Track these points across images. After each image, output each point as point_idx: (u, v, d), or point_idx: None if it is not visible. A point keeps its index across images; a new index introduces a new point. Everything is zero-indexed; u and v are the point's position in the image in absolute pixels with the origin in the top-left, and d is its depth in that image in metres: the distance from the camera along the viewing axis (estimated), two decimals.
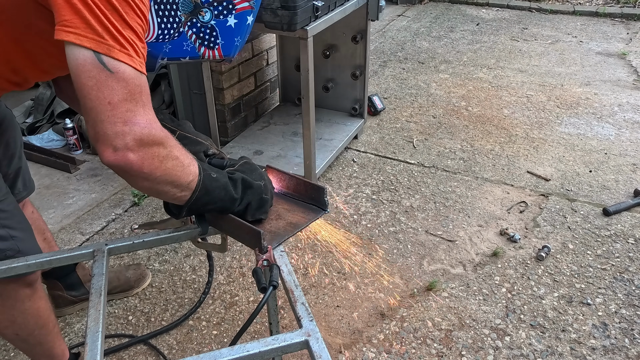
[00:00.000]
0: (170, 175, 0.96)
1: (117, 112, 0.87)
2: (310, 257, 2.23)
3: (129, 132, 0.88)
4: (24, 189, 1.59)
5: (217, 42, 1.19)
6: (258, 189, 1.13)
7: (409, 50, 4.55)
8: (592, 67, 4.13)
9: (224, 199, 1.07)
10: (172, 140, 0.97)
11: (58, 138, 3.08)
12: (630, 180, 2.72)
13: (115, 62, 0.87)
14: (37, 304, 1.44)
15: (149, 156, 0.91)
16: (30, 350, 1.54)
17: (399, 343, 1.84)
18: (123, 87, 0.88)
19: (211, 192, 1.04)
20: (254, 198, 1.12)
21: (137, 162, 0.90)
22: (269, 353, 0.86)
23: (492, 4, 5.76)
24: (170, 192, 1.00)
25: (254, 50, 3.05)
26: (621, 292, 2.04)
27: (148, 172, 0.93)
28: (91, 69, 0.86)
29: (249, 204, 1.12)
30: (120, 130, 0.88)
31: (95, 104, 0.88)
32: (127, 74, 0.88)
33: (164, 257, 2.25)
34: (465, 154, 2.99)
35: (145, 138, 0.90)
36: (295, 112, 3.19)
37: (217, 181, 1.06)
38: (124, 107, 0.88)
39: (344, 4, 2.49)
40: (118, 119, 0.88)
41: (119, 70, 0.87)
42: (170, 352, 1.82)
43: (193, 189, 1.01)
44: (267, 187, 1.17)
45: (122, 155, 0.89)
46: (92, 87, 0.87)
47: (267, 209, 1.16)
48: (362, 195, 2.63)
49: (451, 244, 2.30)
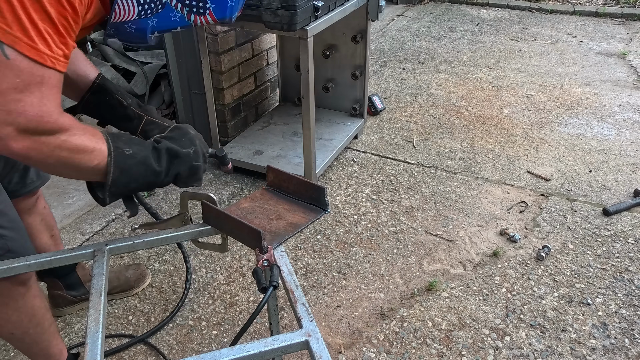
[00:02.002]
0: (67, 163, 0.96)
1: (4, 101, 0.87)
2: (310, 257, 2.24)
3: (11, 121, 0.88)
4: (37, 178, 1.59)
5: (207, 6, 1.13)
6: (186, 157, 1.08)
7: (409, 50, 4.55)
8: (592, 67, 4.14)
9: (146, 174, 1.05)
10: (70, 130, 0.95)
11: None
12: (630, 180, 2.72)
13: (14, 52, 0.86)
14: (31, 302, 1.43)
15: (35, 146, 0.91)
16: (27, 350, 1.54)
17: (399, 343, 1.84)
18: (15, 76, 0.86)
19: (127, 170, 1.02)
20: (182, 167, 1.08)
21: (21, 151, 0.90)
22: (269, 353, 0.86)
23: (492, 4, 5.76)
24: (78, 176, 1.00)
25: (254, 50, 3.05)
26: (621, 292, 2.04)
27: (37, 160, 0.94)
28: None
29: (178, 174, 1.08)
30: (3, 119, 0.87)
31: None
32: (24, 65, 0.87)
33: (164, 257, 2.25)
34: (465, 154, 2.99)
35: (32, 128, 0.89)
36: (295, 112, 3.19)
37: (132, 157, 1.03)
38: (10, 96, 0.87)
39: (344, 4, 2.49)
40: (3, 107, 0.87)
41: (16, 59, 0.86)
42: (170, 352, 1.82)
43: (103, 171, 1.00)
44: (199, 152, 1.11)
45: (5, 144, 0.89)
46: None
47: (200, 176, 1.13)
48: (362, 195, 2.63)
49: (451, 244, 2.30)
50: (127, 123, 1.33)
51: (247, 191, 2.68)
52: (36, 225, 1.68)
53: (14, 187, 1.52)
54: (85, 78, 1.33)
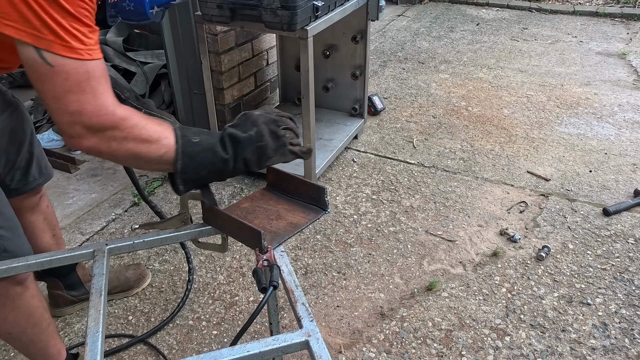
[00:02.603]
0: (135, 154, 0.98)
1: (63, 105, 0.90)
2: (310, 257, 2.24)
3: (77, 121, 0.91)
4: (39, 175, 1.59)
5: None
6: (247, 140, 1.07)
7: (409, 50, 4.55)
8: (592, 67, 4.13)
9: (214, 161, 1.05)
10: (131, 120, 0.97)
11: (58, 138, 3.08)
12: (630, 180, 2.72)
13: (54, 56, 0.88)
14: (29, 302, 1.43)
15: (104, 140, 0.94)
16: (25, 350, 1.53)
17: (399, 343, 1.84)
18: (64, 80, 0.89)
19: (195, 156, 1.03)
20: (247, 151, 1.07)
21: (94, 147, 0.94)
22: (269, 353, 0.86)
23: (492, 4, 5.76)
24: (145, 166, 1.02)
25: (254, 50, 3.05)
26: (621, 292, 2.04)
27: (109, 154, 0.97)
28: (34, 63, 0.89)
29: (245, 159, 1.07)
30: (69, 121, 0.91)
31: (44, 97, 0.92)
32: (68, 66, 0.89)
33: (164, 257, 2.25)
34: (465, 154, 2.99)
35: (95, 125, 0.92)
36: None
37: (199, 145, 1.03)
38: (68, 99, 0.90)
39: (344, 4, 2.49)
40: (64, 111, 0.90)
41: (59, 63, 0.88)
42: (170, 352, 1.82)
43: (172, 159, 1.01)
44: (262, 132, 1.08)
45: (78, 142, 0.93)
46: (38, 81, 0.90)
47: (270, 155, 1.10)
48: (362, 195, 2.63)
49: (451, 244, 2.30)
50: None
51: (247, 191, 2.68)
52: (39, 224, 1.68)
53: (17, 185, 1.52)
54: None
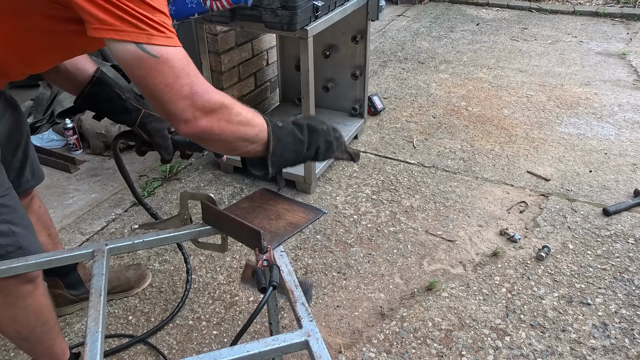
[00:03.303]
0: (239, 131, 1.03)
1: (176, 91, 0.94)
2: (310, 257, 2.24)
3: (192, 104, 0.96)
4: (32, 177, 1.59)
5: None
6: (322, 131, 1.17)
7: (409, 50, 4.55)
8: (592, 67, 4.13)
9: (295, 143, 1.12)
10: (230, 98, 1.03)
11: (58, 138, 3.08)
12: (630, 180, 2.72)
13: (157, 48, 0.93)
14: (39, 301, 1.44)
15: (216, 119, 0.99)
16: (31, 349, 1.54)
17: (399, 343, 1.84)
18: (171, 67, 0.94)
19: (282, 139, 1.10)
20: (320, 140, 1.16)
21: (208, 127, 0.98)
22: (269, 353, 0.86)
23: (492, 4, 5.76)
24: (242, 147, 1.07)
25: (254, 50, 3.05)
26: (621, 292, 2.04)
27: (219, 132, 1.00)
28: (139, 60, 0.93)
29: (318, 147, 1.16)
30: (184, 105, 0.95)
31: (155, 91, 0.95)
32: (171, 54, 0.94)
33: (164, 257, 2.25)
34: (465, 154, 2.99)
35: (207, 104, 0.97)
36: (295, 112, 3.19)
37: (284, 128, 1.11)
38: (179, 84, 0.94)
39: (344, 4, 2.49)
40: (179, 96, 0.95)
41: (162, 53, 0.93)
42: (170, 352, 1.82)
43: (265, 140, 1.07)
44: (330, 129, 1.20)
45: (195, 125, 0.97)
46: (147, 76, 0.94)
47: (334, 149, 1.20)
48: (362, 195, 2.63)
49: (451, 244, 2.30)
50: (125, 116, 1.36)
51: (247, 191, 2.68)
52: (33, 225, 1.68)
53: None
54: (85, 72, 1.34)
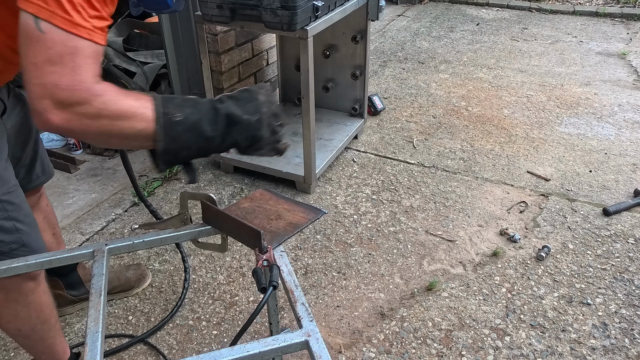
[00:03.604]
0: (110, 132, 0.94)
1: (39, 74, 0.88)
2: (310, 257, 2.24)
3: (48, 94, 0.88)
4: (42, 173, 1.59)
5: None
6: (247, 125, 1.01)
7: (409, 50, 4.55)
8: (592, 67, 4.13)
9: (198, 140, 0.99)
10: (106, 96, 0.93)
11: (58, 138, 3.08)
12: (630, 180, 2.72)
13: (49, 25, 0.87)
14: (41, 298, 1.44)
15: (75, 117, 0.90)
16: (31, 347, 1.53)
17: (399, 343, 1.84)
18: (48, 49, 0.87)
19: (178, 137, 0.97)
20: (240, 136, 1.01)
21: (63, 124, 0.90)
22: (269, 353, 0.86)
23: (492, 4, 5.76)
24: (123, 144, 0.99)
25: (254, 50, 3.05)
26: (621, 292, 2.04)
27: (80, 131, 0.93)
28: (27, 30, 0.87)
29: (237, 142, 1.02)
30: (40, 93, 0.88)
31: (24, 64, 0.89)
32: (57, 37, 0.87)
33: (164, 257, 2.25)
34: (465, 154, 2.99)
35: (65, 99, 0.89)
36: (295, 112, 3.19)
37: (181, 124, 0.97)
38: (45, 69, 0.88)
39: (344, 4, 2.49)
40: (39, 81, 0.88)
41: (50, 31, 0.87)
42: (170, 352, 1.82)
43: (151, 136, 0.96)
44: (262, 122, 1.02)
45: (46, 119, 0.89)
46: (23, 45, 0.88)
47: (262, 147, 1.05)
48: (362, 195, 2.63)
49: (451, 244, 2.30)
50: None
51: (247, 191, 2.68)
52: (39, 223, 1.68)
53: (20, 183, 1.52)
54: None
